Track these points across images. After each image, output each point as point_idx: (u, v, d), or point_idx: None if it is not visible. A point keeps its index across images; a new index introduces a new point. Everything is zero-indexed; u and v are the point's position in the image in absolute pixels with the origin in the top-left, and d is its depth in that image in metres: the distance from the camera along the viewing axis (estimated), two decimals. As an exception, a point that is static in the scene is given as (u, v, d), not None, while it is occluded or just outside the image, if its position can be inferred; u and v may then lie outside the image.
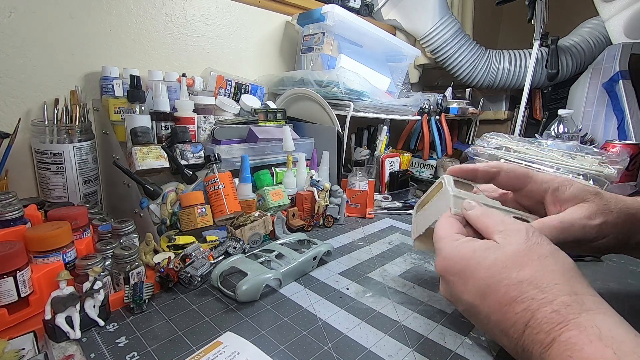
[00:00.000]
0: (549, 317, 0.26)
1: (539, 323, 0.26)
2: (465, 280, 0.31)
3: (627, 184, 0.79)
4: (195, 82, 0.77)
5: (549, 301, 0.26)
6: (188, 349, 0.34)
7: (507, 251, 0.29)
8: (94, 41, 0.71)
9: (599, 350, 0.23)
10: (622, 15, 1.11)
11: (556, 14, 1.26)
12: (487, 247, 0.31)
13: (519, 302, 0.27)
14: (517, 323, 0.27)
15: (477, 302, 0.30)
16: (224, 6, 0.90)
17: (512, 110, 1.39)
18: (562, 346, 0.24)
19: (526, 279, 0.28)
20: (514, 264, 0.29)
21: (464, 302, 0.31)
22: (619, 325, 0.25)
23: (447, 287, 0.33)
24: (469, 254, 0.31)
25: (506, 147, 0.89)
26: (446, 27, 1.22)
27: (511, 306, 0.27)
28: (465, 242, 0.32)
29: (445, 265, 0.32)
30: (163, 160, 0.58)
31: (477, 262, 0.30)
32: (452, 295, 0.33)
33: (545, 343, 0.25)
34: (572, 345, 0.24)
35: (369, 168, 0.95)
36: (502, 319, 0.28)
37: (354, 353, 0.34)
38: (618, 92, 1.06)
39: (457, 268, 0.31)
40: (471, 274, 0.30)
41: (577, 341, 0.24)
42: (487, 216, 0.34)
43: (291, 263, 0.47)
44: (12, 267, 0.35)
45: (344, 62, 0.93)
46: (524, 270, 0.28)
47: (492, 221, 0.33)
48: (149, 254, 0.47)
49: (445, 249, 0.33)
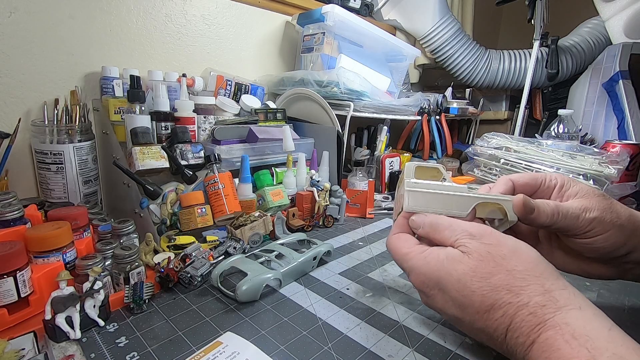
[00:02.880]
0: (526, 320, 0.26)
1: (518, 327, 0.27)
2: (443, 293, 0.31)
3: (627, 184, 0.79)
4: (195, 82, 0.77)
5: (524, 304, 0.27)
6: (188, 349, 0.34)
7: (471, 261, 0.29)
8: (94, 41, 0.71)
9: (575, 350, 0.24)
10: (622, 15, 1.11)
11: (556, 14, 1.26)
12: (452, 256, 0.30)
13: (496, 309, 0.28)
14: (499, 328, 0.28)
15: (457, 313, 0.30)
16: (224, 6, 0.90)
17: (512, 110, 1.39)
18: (540, 347, 0.25)
19: (498, 285, 0.28)
20: (482, 272, 0.29)
21: (447, 314, 0.31)
22: (593, 320, 0.25)
23: (427, 300, 0.33)
24: (438, 265, 0.31)
25: (506, 147, 0.89)
26: (446, 27, 1.22)
27: (490, 313, 0.28)
28: (430, 252, 0.32)
29: (423, 281, 0.32)
30: (163, 160, 0.58)
31: (447, 273, 0.30)
32: (435, 308, 0.33)
33: (526, 345, 0.26)
34: (549, 347, 0.25)
35: (369, 168, 0.95)
36: (484, 325, 0.29)
37: (354, 353, 0.34)
38: (618, 92, 1.06)
39: (433, 281, 0.31)
40: (445, 287, 0.30)
41: (553, 342, 0.25)
42: (436, 231, 0.33)
43: (291, 263, 0.47)
44: (12, 267, 0.35)
45: (344, 62, 0.93)
46: (493, 277, 0.28)
47: (444, 234, 0.32)
48: (149, 254, 0.47)
49: (416, 264, 0.32)
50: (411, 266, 0.33)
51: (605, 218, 0.34)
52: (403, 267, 0.34)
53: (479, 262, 0.29)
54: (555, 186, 0.37)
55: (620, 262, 0.36)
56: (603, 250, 0.35)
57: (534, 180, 0.38)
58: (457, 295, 0.29)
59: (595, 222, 0.34)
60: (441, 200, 0.36)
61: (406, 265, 0.34)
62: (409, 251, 0.34)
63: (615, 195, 0.76)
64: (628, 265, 0.37)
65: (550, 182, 0.38)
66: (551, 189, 0.38)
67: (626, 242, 0.35)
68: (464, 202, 0.36)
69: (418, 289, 0.34)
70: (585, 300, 0.27)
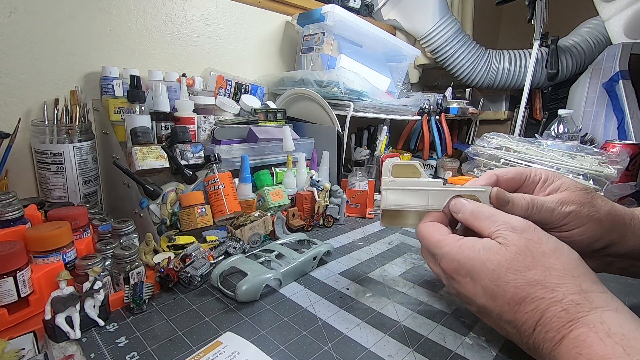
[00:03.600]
0: (558, 315, 0.26)
1: (548, 322, 0.26)
2: (474, 282, 0.31)
3: (627, 184, 0.79)
4: (195, 82, 0.77)
5: (558, 300, 0.26)
6: (188, 349, 0.34)
7: (508, 253, 0.29)
8: (94, 41, 0.71)
9: (609, 347, 0.23)
10: (622, 15, 1.11)
11: (556, 14, 1.26)
12: (489, 247, 0.31)
13: (528, 302, 0.27)
14: (528, 322, 0.27)
15: (487, 303, 0.30)
16: (224, 6, 0.90)
17: (512, 110, 1.39)
18: (571, 343, 0.25)
19: (533, 279, 0.28)
20: (518, 265, 0.28)
21: (476, 303, 0.31)
22: (629, 322, 0.25)
23: (456, 286, 0.33)
24: (473, 254, 0.31)
25: (506, 147, 0.89)
26: (446, 27, 1.22)
27: (521, 306, 0.28)
28: (466, 242, 0.32)
29: (455, 267, 0.32)
30: (163, 160, 0.58)
31: (482, 263, 0.30)
32: (462, 295, 0.33)
33: (555, 341, 0.26)
34: (580, 343, 0.24)
35: (369, 168, 0.95)
36: (513, 318, 0.28)
37: (354, 353, 0.34)
38: (618, 92, 1.06)
39: (466, 269, 0.31)
40: (478, 276, 0.30)
41: (585, 338, 0.24)
42: (476, 219, 0.34)
43: (291, 263, 0.47)
44: (12, 267, 0.35)
45: (344, 62, 0.93)
46: (529, 271, 0.28)
47: (484, 223, 0.33)
48: (149, 254, 0.47)
49: (450, 251, 0.33)
50: (445, 252, 0.33)
51: (582, 212, 0.34)
52: (435, 253, 0.34)
53: (516, 254, 0.29)
54: (539, 180, 0.38)
55: (600, 255, 0.37)
56: (580, 243, 0.35)
57: (519, 175, 0.39)
58: (489, 284, 0.29)
59: (571, 216, 0.34)
60: (417, 195, 0.37)
61: (439, 252, 0.34)
62: (443, 238, 0.34)
63: (615, 195, 0.76)
64: (609, 258, 0.37)
65: (535, 177, 0.38)
66: (535, 183, 0.38)
67: (603, 236, 0.35)
68: (440, 195, 0.37)
69: (448, 275, 0.34)
70: (622, 304, 0.26)
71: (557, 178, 0.37)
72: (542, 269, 0.28)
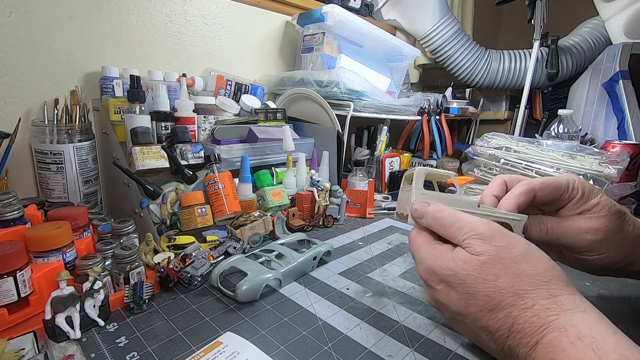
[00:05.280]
0: (530, 321, 0.27)
1: (521, 328, 0.27)
2: (448, 289, 0.31)
3: (627, 184, 0.79)
4: (195, 82, 0.77)
5: (528, 306, 0.27)
6: (188, 349, 0.34)
7: (478, 262, 0.29)
8: (94, 41, 0.71)
9: (580, 351, 0.24)
10: (622, 15, 1.11)
11: (556, 14, 1.26)
12: (459, 257, 0.30)
13: (500, 309, 0.28)
14: (501, 328, 0.28)
15: (461, 310, 0.30)
16: (224, 6, 0.90)
17: (512, 110, 1.39)
18: (545, 349, 0.25)
19: (503, 287, 0.28)
20: (488, 274, 0.28)
21: (450, 310, 0.31)
22: (598, 323, 0.25)
23: (432, 294, 0.33)
24: (445, 263, 0.31)
25: (506, 147, 0.89)
26: (446, 27, 1.22)
27: (493, 312, 0.28)
28: (440, 250, 0.32)
29: (430, 274, 0.32)
30: (163, 160, 0.58)
31: (454, 273, 0.30)
32: (437, 302, 0.33)
33: (529, 346, 0.26)
34: (554, 348, 0.25)
35: (369, 168, 0.95)
36: (487, 324, 0.29)
37: (354, 353, 0.34)
38: (618, 92, 1.06)
39: (439, 277, 0.31)
40: (451, 284, 0.30)
41: (558, 343, 0.25)
42: (440, 226, 0.33)
43: (291, 263, 0.47)
44: (12, 267, 0.35)
45: (344, 62, 0.93)
46: (500, 279, 0.28)
47: (451, 231, 0.32)
48: (149, 254, 0.47)
49: (425, 257, 0.33)
50: (420, 258, 0.33)
51: (609, 240, 0.34)
52: (414, 257, 0.35)
53: (485, 264, 0.29)
54: (576, 196, 0.36)
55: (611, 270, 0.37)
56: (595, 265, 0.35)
57: (557, 190, 0.36)
58: (462, 292, 0.30)
59: (596, 244, 0.34)
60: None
61: (417, 256, 0.34)
62: (421, 244, 0.34)
63: (615, 195, 0.76)
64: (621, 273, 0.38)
65: (573, 192, 0.36)
66: (572, 198, 0.36)
67: (622, 259, 0.35)
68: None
69: (424, 281, 0.34)
70: (590, 305, 0.27)
71: (594, 195, 0.36)
72: (512, 276, 0.28)
